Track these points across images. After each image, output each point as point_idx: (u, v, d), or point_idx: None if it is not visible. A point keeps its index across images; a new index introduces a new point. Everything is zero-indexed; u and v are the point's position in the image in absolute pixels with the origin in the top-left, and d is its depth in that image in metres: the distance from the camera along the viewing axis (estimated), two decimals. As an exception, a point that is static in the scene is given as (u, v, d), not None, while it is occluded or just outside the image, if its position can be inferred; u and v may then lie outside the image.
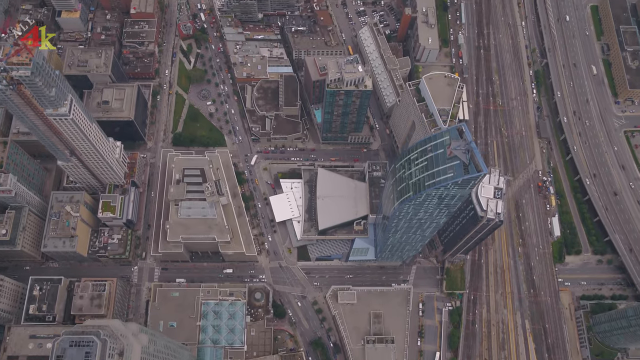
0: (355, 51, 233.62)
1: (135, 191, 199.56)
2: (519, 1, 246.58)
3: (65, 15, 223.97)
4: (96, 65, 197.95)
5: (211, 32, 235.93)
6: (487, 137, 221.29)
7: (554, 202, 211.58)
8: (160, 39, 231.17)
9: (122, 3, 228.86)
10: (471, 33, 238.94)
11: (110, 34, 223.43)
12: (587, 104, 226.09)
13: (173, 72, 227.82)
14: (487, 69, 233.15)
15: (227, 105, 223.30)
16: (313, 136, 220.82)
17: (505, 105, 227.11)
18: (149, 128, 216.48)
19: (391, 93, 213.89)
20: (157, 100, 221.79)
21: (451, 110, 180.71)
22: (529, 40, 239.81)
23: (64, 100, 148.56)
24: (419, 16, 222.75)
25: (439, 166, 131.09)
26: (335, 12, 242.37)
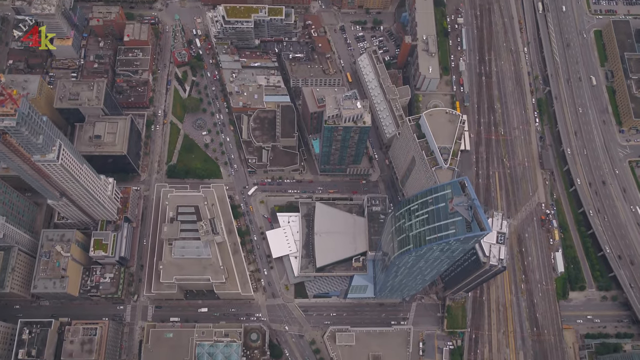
0: (354, 78, 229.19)
1: (129, 227, 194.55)
2: (521, 26, 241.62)
3: (57, 43, 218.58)
4: (88, 98, 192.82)
5: (207, 59, 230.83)
6: (489, 169, 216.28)
7: (557, 236, 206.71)
8: (154, 66, 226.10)
9: (115, 30, 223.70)
10: (472, 59, 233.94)
11: (103, 62, 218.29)
12: (591, 133, 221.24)
13: (168, 101, 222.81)
14: (489, 97, 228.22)
15: (223, 135, 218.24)
16: (311, 167, 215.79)
17: (507, 135, 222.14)
18: (142, 159, 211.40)
19: (391, 123, 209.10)
20: (151, 130, 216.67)
21: (452, 148, 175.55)
22: (532, 67, 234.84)
23: (52, 146, 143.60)
24: (419, 44, 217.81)
25: (441, 221, 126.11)
26: (334, 37, 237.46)
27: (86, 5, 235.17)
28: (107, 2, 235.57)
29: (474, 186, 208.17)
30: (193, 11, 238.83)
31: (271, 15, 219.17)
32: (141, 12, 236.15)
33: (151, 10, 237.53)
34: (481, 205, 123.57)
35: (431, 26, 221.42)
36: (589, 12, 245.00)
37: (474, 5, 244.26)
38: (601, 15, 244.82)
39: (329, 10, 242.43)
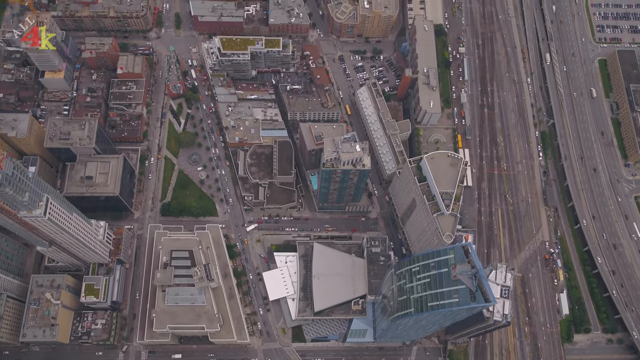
0: (353, 111, 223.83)
1: (121, 269, 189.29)
2: (524, 55, 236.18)
3: (48, 75, 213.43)
4: (79, 137, 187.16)
5: (202, 91, 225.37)
6: (492, 205, 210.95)
7: (561, 276, 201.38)
8: (148, 99, 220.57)
9: (108, 61, 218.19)
10: (474, 90, 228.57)
11: (95, 95, 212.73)
12: (596, 167, 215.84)
13: (162, 135, 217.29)
14: (491, 130, 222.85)
15: (218, 170, 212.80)
16: (309, 203, 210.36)
17: (510, 170, 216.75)
18: (136, 197, 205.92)
19: (391, 160, 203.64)
20: (145, 166, 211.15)
21: (455, 193, 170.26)
22: (535, 98, 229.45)
23: (39, 201, 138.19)
24: (419, 77, 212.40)
25: (443, 287, 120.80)
26: (333, 67, 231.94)
27: (79, 35, 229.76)
28: (100, 32, 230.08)
29: (475, 224, 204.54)
30: (188, 40, 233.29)
31: (268, 47, 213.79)
32: (135, 42, 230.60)
33: (145, 40, 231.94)
34: (484, 265, 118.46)
35: (432, 58, 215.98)
36: (593, 40, 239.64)
37: (476, 33, 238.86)
38: (606, 43, 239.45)
39: (327, 39, 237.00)
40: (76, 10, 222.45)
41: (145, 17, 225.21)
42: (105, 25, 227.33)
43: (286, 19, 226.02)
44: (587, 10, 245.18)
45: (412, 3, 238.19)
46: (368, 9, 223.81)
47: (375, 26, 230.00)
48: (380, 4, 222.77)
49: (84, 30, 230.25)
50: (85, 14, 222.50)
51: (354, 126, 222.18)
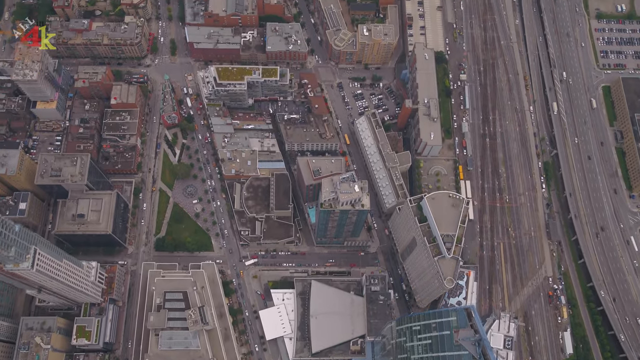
0: (352, 140, 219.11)
1: (114, 308, 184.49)
2: (527, 83, 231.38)
3: (40, 105, 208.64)
4: (71, 174, 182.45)
5: (198, 120, 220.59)
6: (494, 239, 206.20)
7: (565, 314, 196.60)
8: (143, 129, 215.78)
9: (102, 91, 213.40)
10: (476, 119, 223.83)
11: (88, 126, 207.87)
12: (600, 200, 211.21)
13: (157, 166, 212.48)
14: (493, 160, 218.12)
15: (214, 203, 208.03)
16: (307, 237, 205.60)
17: (512, 202, 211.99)
18: (130, 231, 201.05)
19: (390, 193, 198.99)
20: (139, 199, 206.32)
21: (456, 235, 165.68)
22: (538, 127, 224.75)
23: (26, 254, 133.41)
24: (420, 108, 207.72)
25: (445, 351, 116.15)
26: (331, 94, 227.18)
27: (72, 63, 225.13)
28: (93, 59, 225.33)
29: (477, 259, 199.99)
30: (184, 67, 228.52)
31: (265, 76, 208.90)
32: (129, 69, 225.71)
33: (140, 67, 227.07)
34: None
35: (433, 88, 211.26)
36: (597, 66, 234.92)
37: (477, 60, 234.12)
38: (610, 69, 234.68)
39: (326, 66, 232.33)
40: (69, 37, 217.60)
41: (140, 45, 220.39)
42: (99, 52, 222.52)
43: (284, 47, 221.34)
44: (590, 35, 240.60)
45: (412, 29, 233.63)
46: (367, 37, 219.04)
47: (375, 53, 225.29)
48: (380, 31, 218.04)
49: (77, 57, 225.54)
50: (78, 41, 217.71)
51: (352, 156, 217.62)
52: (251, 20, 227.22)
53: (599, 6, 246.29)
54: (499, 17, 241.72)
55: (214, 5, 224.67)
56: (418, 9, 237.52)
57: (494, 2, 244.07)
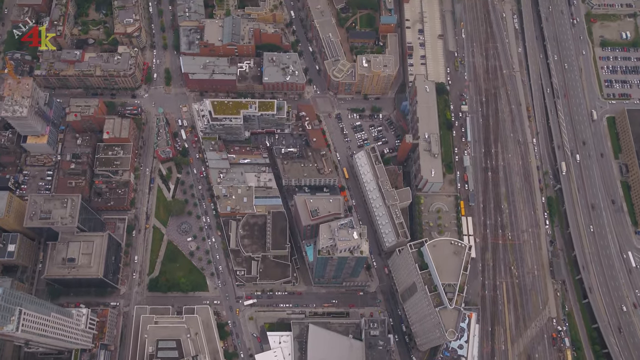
0: (351, 174, 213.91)
1: (105, 353, 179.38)
2: (530, 114, 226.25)
3: (31, 140, 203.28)
4: (61, 216, 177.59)
5: (193, 153, 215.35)
6: (496, 278, 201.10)
7: (570, 357, 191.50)
8: (136, 162, 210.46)
9: (94, 124, 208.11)
10: (477, 152, 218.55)
11: (80, 161, 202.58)
12: (605, 237, 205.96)
13: (151, 202, 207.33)
14: (496, 195, 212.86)
15: (209, 241, 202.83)
16: (304, 276, 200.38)
17: (515, 239, 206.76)
18: (122, 270, 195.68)
19: (390, 232, 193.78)
20: (132, 236, 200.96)
21: (459, 283, 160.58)
22: (541, 160, 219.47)
23: (11, 316, 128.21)
24: (420, 143, 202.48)
25: None
26: (329, 126, 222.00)
27: (64, 94, 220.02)
28: (86, 89, 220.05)
29: (479, 299, 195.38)
30: (179, 98, 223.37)
31: (262, 110, 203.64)
32: (123, 100, 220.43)
33: (134, 98, 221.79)
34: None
35: (434, 122, 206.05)
36: (601, 96, 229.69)
37: (479, 90, 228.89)
38: (614, 99, 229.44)
39: (324, 96, 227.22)
40: (61, 69, 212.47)
41: (134, 76, 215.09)
42: (92, 83, 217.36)
43: (281, 77, 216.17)
44: (594, 63, 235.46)
45: (412, 58, 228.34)
46: (366, 68, 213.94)
47: (374, 84, 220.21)
48: (379, 63, 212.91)
49: (69, 88, 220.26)
50: (70, 72, 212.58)
51: (351, 191, 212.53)
52: (248, 50, 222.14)
53: (604, 33, 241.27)
54: (501, 45, 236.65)
55: (210, 34, 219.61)
56: (418, 37, 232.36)
57: (496, 29, 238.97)
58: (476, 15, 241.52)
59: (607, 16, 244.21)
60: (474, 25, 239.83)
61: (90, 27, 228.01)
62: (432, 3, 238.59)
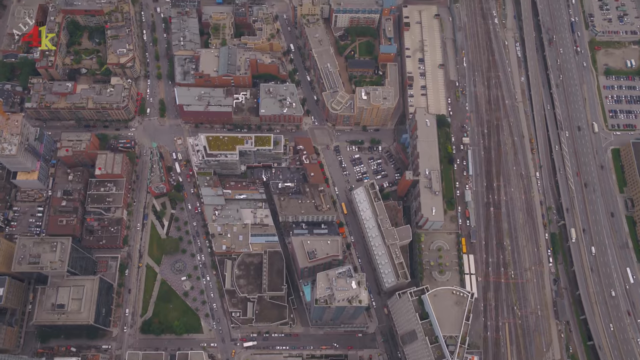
0: (349, 210, 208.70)
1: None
2: (532, 146, 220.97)
3: (21, 176, 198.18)
4: (50, 260, 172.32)
5: (188, 187, 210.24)
6: (498, 318, 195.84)
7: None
8: (129, 198, 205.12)
9: (86, 159, 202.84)
10: (479, 187, 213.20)
11: (72, 198, 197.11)
12: (610, 275, 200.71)
13: (144, 239, 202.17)
14: (498, 231, 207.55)
15: (204, 280, 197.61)
16: (301, 316, 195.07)
17: (518, 278, 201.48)
18: (114, 312, 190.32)
19: (390, 272, 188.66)
20: (124, 275, 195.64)
21: (461, 334, 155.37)
22: (544, 195, 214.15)
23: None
24: (421, 180, 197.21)
25: None
26: (327, 158, 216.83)
27: (55, 125, 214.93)
28: (78, 121, 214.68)
29: (481, 341, 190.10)
30: (173, 130, 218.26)
31: (258, 145, 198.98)
32: (116, 132, 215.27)
33: (127, 129, 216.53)
34: None
35: (434, 158, 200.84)
36: (605, 127, 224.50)
37: (481, 121, 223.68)
38: (619, 130, 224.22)
39: (322, 128, 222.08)
40: (52, 101, 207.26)
41: (127, 108, 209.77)
42: (84, 115, 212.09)
43: (278, 110, 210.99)
44: (599, 93, 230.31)
45: (412, 89, 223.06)
46: (365, 101, 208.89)
47: (374, 117, 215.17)
48: (379, 95, 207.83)
49: (61, 120, 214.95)
50: (61, 105, 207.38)
51: (350, 226, 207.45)
52: (244, 80, 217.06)
53: (608, 61, 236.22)
54: (504, 75, 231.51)
55: (205, 65, 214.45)
56: (419, 67, 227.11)
57: (498, 57, 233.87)
58: (478, 43, 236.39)
59: (611, 43, 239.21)
60: (475, 54, 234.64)
61: (83, 57, 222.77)
62: (433, 31, 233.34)
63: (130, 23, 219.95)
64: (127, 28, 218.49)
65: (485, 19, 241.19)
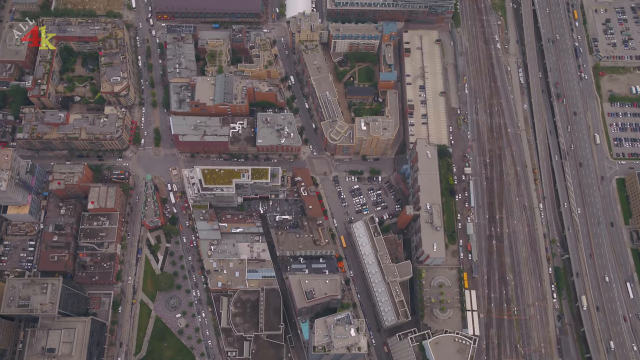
0: (348, 243, 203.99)
1: None
2: (536, 176, 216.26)
3: (12, 210, 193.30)
4: (40, 302, 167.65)
5: (183, 220, 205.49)
6: (501, 357, 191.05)
7: None
8: (123, 232, 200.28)
9: (79, 191, 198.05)
10: (481, 219, 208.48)
11: (64, 233, 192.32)
12: (616, 312, 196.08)
13: (138, 274, 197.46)
14: (500, 266, 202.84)
15: (200, 317, 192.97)
16: (299, 355, 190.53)
17: (521, 314, 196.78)
18: (107, 351, 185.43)
19: (390, 310, 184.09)
20: (117, 313, 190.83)
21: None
22: (548, 227, 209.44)
23: None
24: (422, 215, 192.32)
25: None
26: (326, 188, 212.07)
27: (47, 155, 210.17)
28: (71, 151, 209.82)
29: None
30: (168, 160, 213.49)
31: (255, 178, 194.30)
32: (110, 162, 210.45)
33: (121, 159, 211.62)
34: None
35: (436, 192, 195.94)
36: (610, 156, 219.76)
37: (483, 150, 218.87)
38: (624, 159, 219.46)
39: (320, 157, 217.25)
40: (44, 132, 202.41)
41: (121, 139, 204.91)
42: (77, 146, 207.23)
43: (276, 140, 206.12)
44: (603, 120, 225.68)
45: (413, 117, 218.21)
46: (365, 132, 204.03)
47: (373, 147, 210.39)
48: (379, 126, 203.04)
49: (53, 150, 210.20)
50: (54, 136, 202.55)
51: (349, 260, 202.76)
52: (241, 109, 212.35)
53: (612, 87, 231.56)
54: (506, 102, 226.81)
55: (201, 93, 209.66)
56: (420, 94, 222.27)
57: (501, 84, 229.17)
58: (479, 69, 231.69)
59: (615, 69, 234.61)
60: (477, 80, 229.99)
61: (76, 84, 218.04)
62: (434, 56, 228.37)
63: (124, 50, 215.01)
64: (121, 55, 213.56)
65: (487, 43, 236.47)
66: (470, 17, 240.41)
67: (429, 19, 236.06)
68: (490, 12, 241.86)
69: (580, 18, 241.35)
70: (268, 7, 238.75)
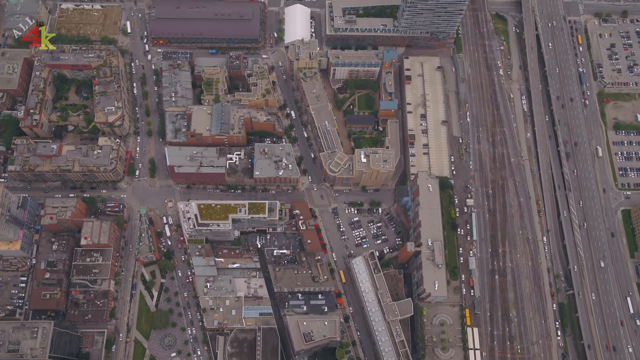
0: (348, 278, 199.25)
1: None
2: (539, 208, 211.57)
3: (3, 247, 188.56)
4: (30, 347, 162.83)
5: (178, 254, 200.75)
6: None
7: None
8: (117, 267, 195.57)
9: (72, 225, 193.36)
10: (484, 253, 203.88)
11: (56, 270, 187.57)
12: (622, 351, 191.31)
13: (132, 311, 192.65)
14: (503, 302, 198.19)
15: (195, 355, 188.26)
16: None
17: (525, 352, 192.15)
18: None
19: (390, 350, 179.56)
20: (111, 352, 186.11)
21: None
22: (552, 261, 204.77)
23: None
24: (423, 252, 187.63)
25: None
26: (325, 221, 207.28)
27: (40, 187, 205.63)
28: (64, 183, 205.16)
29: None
30: (164, 191, 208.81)
31: (252, 213, 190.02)
32: (103, 195, 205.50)
33: (116, 191, 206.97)
34: None
35: (437, 228, 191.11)
36: (615, 186, 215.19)
37: (486, 181, 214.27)
38: (630, 190, 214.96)
39: (319, 188, 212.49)
40: (36, 164, 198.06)
41: (115, 170, 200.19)
42: (70, 177, 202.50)
43: (273, 172, 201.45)
44: (608, 149, 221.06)
45: (414, 147, 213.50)
46: (365, 164, 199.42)
47: (374, 179, 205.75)
48: (379, 159, 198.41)
49: (46, 182, 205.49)
50: (46, 168, 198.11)
51: (348, 296, 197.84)
52: (238, 139, 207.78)
53: (617, 115, 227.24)
54: (509, 130, 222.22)
55: (197, 123, 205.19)
56: (421, 123, 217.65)
57: (504, 113, 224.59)
58: (482, 96, 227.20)
59: (620, 95, 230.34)
60: (479, 107, 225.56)
61: (70, 113, 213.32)
62: (435, 84, 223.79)
63: (119, 78, 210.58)
64: (115, 83, 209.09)
65: (489, 69, 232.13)
66: (472, 42, 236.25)
67: (430, 44, 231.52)
68: (493, 36, 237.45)
69: (584, 43, 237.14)
70: (266, 32, 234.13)
